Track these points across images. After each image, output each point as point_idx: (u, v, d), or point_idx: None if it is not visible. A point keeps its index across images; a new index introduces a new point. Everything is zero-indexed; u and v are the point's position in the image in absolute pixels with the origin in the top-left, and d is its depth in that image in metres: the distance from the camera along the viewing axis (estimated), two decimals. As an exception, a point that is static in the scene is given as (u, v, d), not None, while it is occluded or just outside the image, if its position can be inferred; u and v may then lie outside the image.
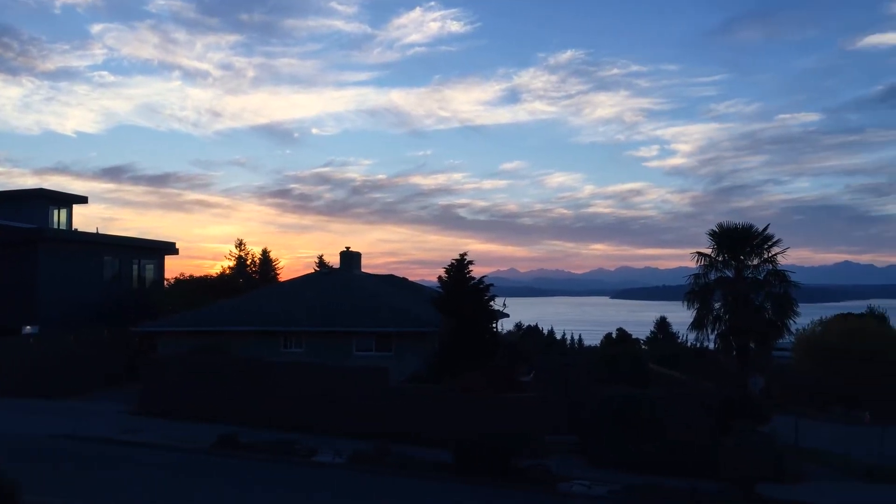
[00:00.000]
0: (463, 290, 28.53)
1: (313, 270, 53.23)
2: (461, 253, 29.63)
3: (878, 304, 76.34)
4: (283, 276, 54.50)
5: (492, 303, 30.11)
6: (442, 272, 29.51)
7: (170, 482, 17.09)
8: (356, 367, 27.75)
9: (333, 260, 48.35)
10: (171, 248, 47.73)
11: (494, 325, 32.23)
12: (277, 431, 23.64)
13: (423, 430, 24.04)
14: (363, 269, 41.92)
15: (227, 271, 52.70)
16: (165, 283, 47.65)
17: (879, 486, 21.81)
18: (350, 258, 39.88)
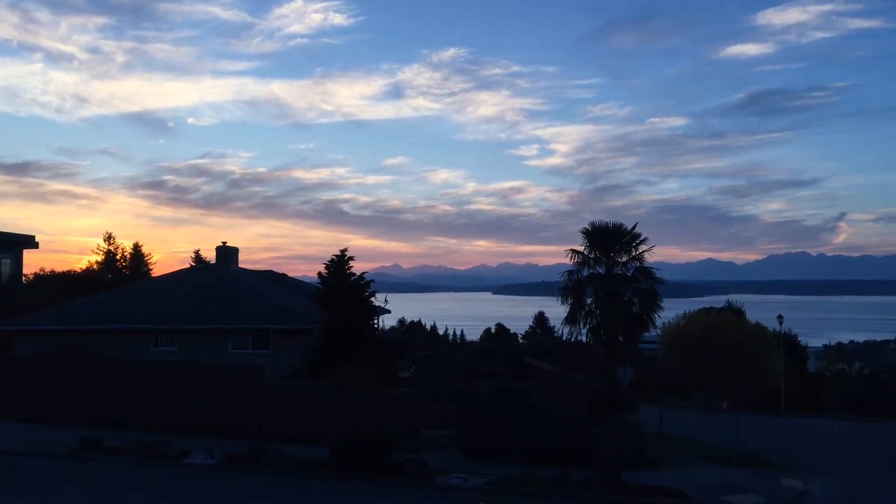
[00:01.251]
0: (343, 286, 28.34)
1: (189, 266, 51.33)
2: (342, 249, 29.42)
3: (737, 299, 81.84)
4: (157, 271, 52.32)
5: (373, 299, 30.05)
6: (324, 268, 29.18)
7: (25, 490, 16.06)
8: (231, 366, 27.01)
9: (211, 255, 46.81)
10: (29, 242, 44.65)
11: (375, 321, 32.20)
12: (147, 433, 22.67)
13: (300, 428, 23.71)
14: (242, 265, 40.81)
15: (95, 266, 49.97)
16: (24, 279, 44.60)
17: (735, 470, 23.38)
18: (226, 253, 38.72)
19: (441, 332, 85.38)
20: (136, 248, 53.62)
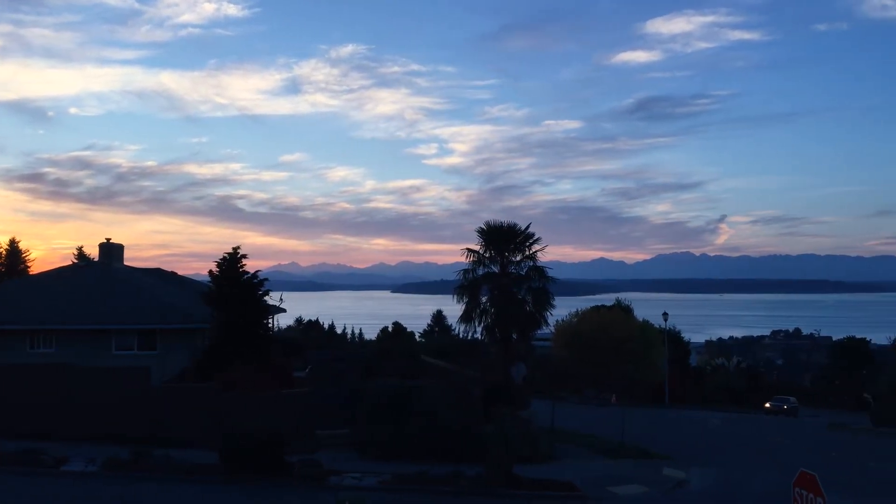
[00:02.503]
0: (235, 284, 27.59)
1: (71, 263, 48.69)
2: (234, 247, 28.65)
3: (626, 297, 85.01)
4: (35, 269, 49.38)
5: (267, 297, 29.42)
6: (216, 266, 28.35)
7: None
8: (114, 368, 25.85)
9: (95, 252, 44.56)
10: None
11: (269, 321, 31.52)
12: (22, 441, 21.33)
13: (189, 432, 22.94)
14: (129, 263, 39.05)
15: (-35, 264, 46.68)
16: None
17: (621, 462, 24.28)
18: (111, 250, 36.96)
19: (339, 331, 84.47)
20: (13, 244, 50.48)
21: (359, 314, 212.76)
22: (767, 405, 60.39)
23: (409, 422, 22.67)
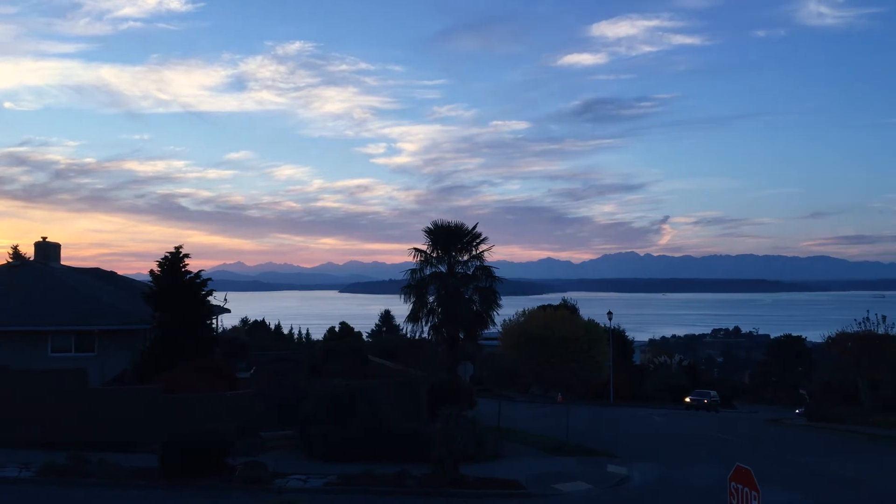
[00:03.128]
0: (177, 284, 27.02)
1: (5, 262, 47.01)
2: (177, 246, 28.07)
3: (573, 296, 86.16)
4: (-35, 268, 47.42)
5: (210, 297, 28.91)
6: (157, 266, 27.73)
7: None
8: (50, 370, 25.01)
9: (31, 251, 43.14)
10: None
11: (213, 321, 30.97)
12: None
13: (129, 434, 22.39)
14: (67, 262, 37.89)
15: None
16: None
17: (566, 459, 24.57)
18: (46, 249, 35.81)
19: (286, 331, 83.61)
20: (-59, 242, 48.42)
21: (306, 314, 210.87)
22: (687, 399, 60.48)
23: (355, 422, 22.54)
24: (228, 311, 36.56)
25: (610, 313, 65.84)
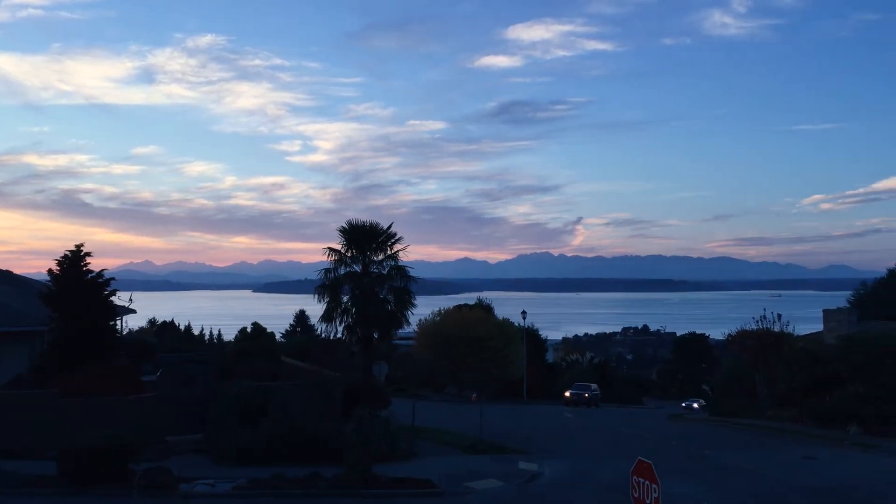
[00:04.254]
0: (78, 283, 25.89)
1: None
2: (77, 244, 26.89)
3: (488, 296, 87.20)
4: None
5: (114, 298, 27.83)
6: (56, 264, 26.48)
7: None
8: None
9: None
10: None
11: (117, 322, 29.83)
12: None
13: (25, 441, 21.34)
14: (-45, 260, 35.82)
15: None
16: None
17: (478, 457, 24.84)
18: (-64, 246, 33.78)
19: (197, 332, 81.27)
20: None
21: (218, 314, 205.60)
22: (567, 394, 58.32)
23: (265, 424, 22.16)
24: (134, 311, 35.25)
25: (524, 312, 66.97)
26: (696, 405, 62.76)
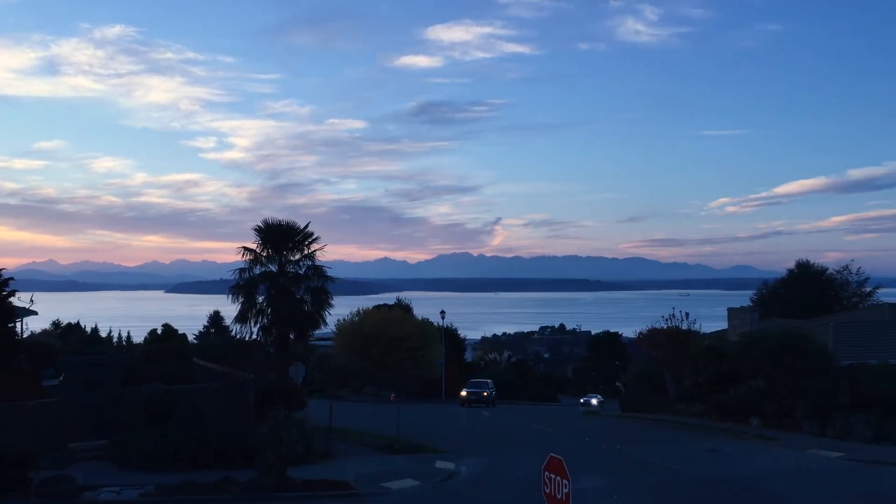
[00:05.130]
0: (-27, 284, 24.58)
1: None
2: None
3: (408, 296, 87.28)
4: None
5: (13, 298, 26.52)
6: (-53, 263, 25.01)
7: None
8: None
9: None
10: None
11: (15, 324, 28.44)
12: None
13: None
14: None
15: None
16: None
17: (396, 457, 24.83)
18: None
19: (104, 334, 78.33)
20: None
21: (127, 316, 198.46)
22: (464, 393, 54.41)
23: (176, 428, 21.53)
24: (36, 313, 33.62)
25: (443, 312, 67.34)
26: (594, 401, 64.40)
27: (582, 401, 65.37)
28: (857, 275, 60.26)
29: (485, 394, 53.29)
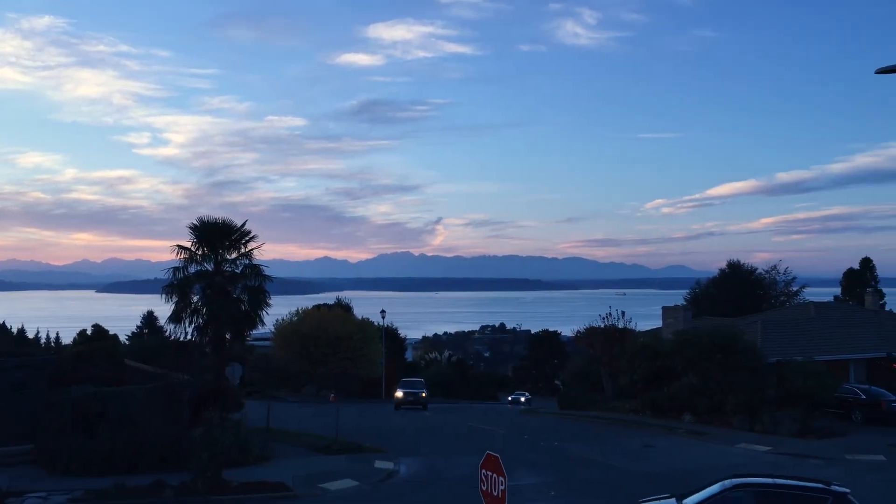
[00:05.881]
0: None
1: None
2: None
3: (348, 295, 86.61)
4: None
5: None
6: None
7: None
8: None
9: None
10: None
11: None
12: None
13: None
14: None
15: None
16: None
17: (335, 458, 24.67)
18: None
19: (31, 335, 75.53)
20: None
21: (56, 316, 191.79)
22: (400, 394, 50.04)
23: (107, 431, 20.92)
24: (-44, 313, 32.30)
25: (383, 312, 67.15)
26: (522, 399, 65.03)
27: (510, 398, 65.91)
28: (785, 274, 62.62)
29: (423, 395, 49.84)
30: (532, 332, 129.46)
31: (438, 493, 19.90)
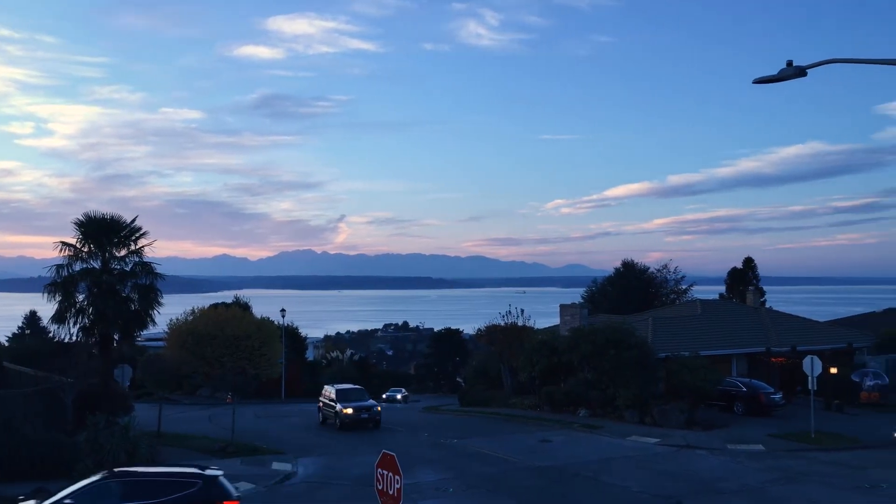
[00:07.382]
0: None
1: None
2: None
3: (248, 294, 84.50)
4: None
5: None
6: None
7: None
8: None
9: None
10: None
11: None
12: None
13: None
14: None
15: None
16: None
17: (230, 460, 24.09)
18: None
19: None
20: None
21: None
22: (349, 410, 33.81)
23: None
24: None
25: (283, 311, 65.98)
26: (398, 395, 65.15)
27: (385, 396, 65.69)
28: (675, 273, 65.45)
29: (377, 409, 35.72)
30: (435, 330, 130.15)
31: (336, 494, 19.73)
